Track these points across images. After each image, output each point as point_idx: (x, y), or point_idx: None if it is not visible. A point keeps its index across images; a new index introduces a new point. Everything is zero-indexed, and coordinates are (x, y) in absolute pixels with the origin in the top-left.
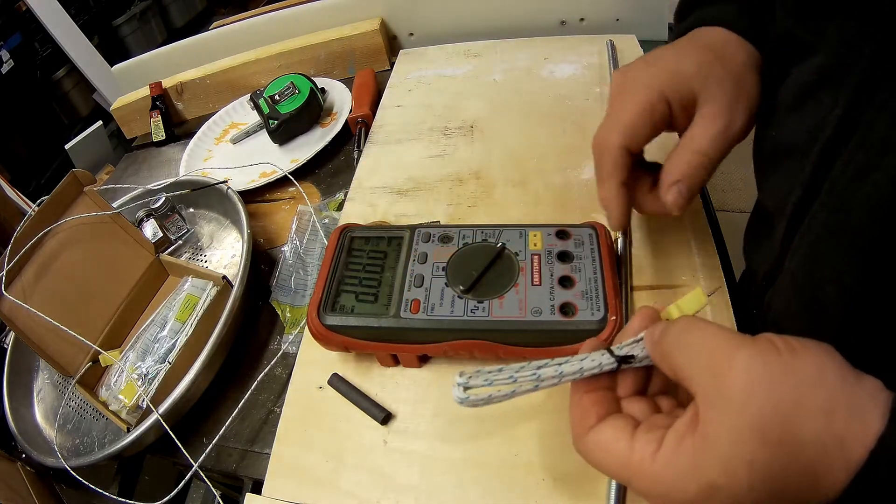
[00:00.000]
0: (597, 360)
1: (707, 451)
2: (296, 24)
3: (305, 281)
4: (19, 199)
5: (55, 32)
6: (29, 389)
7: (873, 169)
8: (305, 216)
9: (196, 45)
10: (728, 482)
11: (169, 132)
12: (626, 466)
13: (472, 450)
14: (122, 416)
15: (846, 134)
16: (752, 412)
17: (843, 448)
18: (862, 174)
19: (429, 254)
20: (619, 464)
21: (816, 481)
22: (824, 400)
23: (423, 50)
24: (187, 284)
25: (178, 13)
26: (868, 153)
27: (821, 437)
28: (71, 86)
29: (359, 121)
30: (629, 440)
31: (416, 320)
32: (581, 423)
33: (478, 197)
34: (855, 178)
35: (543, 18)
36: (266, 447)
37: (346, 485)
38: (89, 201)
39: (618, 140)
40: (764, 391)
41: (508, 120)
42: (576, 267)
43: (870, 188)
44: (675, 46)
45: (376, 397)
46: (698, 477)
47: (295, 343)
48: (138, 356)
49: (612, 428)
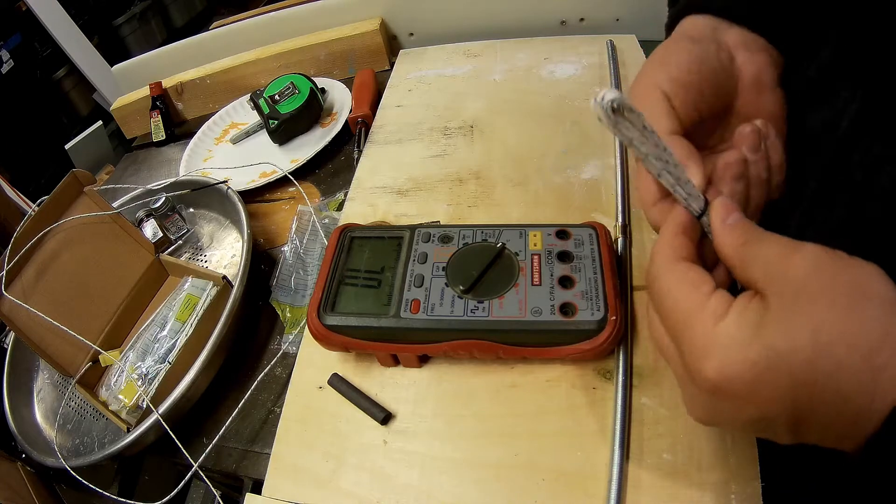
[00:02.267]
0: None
1: (773, 317)
2: (296, 24)
3: (305, 281)
4: (19, 199)
5: (55, 32)
6: (29, 389)
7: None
8: (305, 216)
9: (196, 45)
10: (790, 347)
11: (169, 132)
12: (695, 312)
13: (472, 450)
14: (122, 416)
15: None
16: (819, 288)
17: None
18: (878, 166)
19: (429, 254)
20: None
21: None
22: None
23: (423, 50)
24: (187, 284)
25: (178, 13)
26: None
27: (885, 323)
28: (71, 86)
29: (359, 121)
30: (708, 293)
31: (416, 320)
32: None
33: (478, 197)
34: (871, 171)
35: (543, 18)
36: (266, 447)
37: (346, 485)
38: (89, 201)
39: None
40: (830, 272)
41: (508, 120)
42: (576, 267)
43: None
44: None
45: (376, 397)
46: (763, 338)
47: (295, 343)
48: (138, 356)
49: (697, 273)
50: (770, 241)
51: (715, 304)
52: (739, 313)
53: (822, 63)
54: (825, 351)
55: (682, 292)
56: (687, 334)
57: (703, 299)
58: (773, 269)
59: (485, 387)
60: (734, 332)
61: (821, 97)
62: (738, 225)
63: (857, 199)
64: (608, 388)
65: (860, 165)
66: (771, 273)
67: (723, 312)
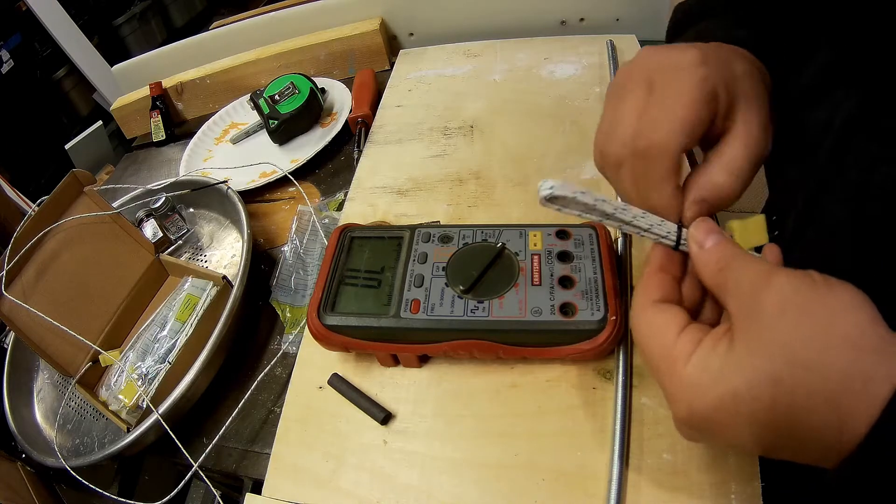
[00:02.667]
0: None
1: (735, 360)
2: (296, 24)
3: (305, 281)
4: (19, 199)
5: (55, 32)
6: (29, 389)
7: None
8: (305, 216)
9: (196, 45)
10: (750, 394)
11: (169, 132)
12: (664, 358)
13: (472, 450)
14: (122, 416)
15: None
16: (784, 330)
17: (868, 386)
18: (874, 166)
19: (429, 254)
20: (659, 353)
21: (841, 419)
22: (854, 335)
23: (423, 50)
24: (187, 284)
25: (178, 13)
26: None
27: (847, 370)
28: (71, 86)
29: (359, 121)
30: (677, 333)
31: (416, 320)
32: (645, 294)
33: (478, 197)
34: (867, 170)
35: (543, 18)
36: (266, 447)
37: (346, 485)
38: (89, 201)
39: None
40: (796, 312)
41: (508, 120)
42: (576, 267)
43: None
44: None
45: (376, 397)
46: (723, 383)
47: (295, 343)
48: (138, 356)
49: (670, 313)
50: (745, 268)
51: (681, 347)
52: (704, 356)
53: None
54: (788, 399)
55: (652, 338)
56: (661, 377)
57: (670, 344)
58: (743, 304)
59: (485, 387)
60: (697, 377)
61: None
62: (714, 249)
63: (854, 199)
64: (608, 388)
65: (855, 165)
66: (741, 307)
67: (689, 353)
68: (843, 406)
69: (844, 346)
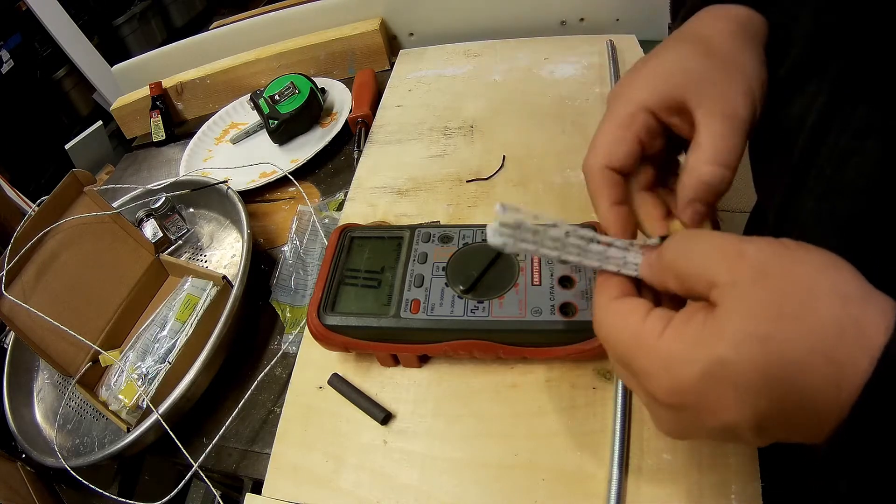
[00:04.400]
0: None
1: (717, 325)
2: (296, 24)
3: (305, 281)
4: (19, 199)
5: (55, 32)
6: (29, 389)
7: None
8: (305, 216)
9: (196, 45)
10: (738, 358)
11: (169, 132)
12: (634, 337)
13: (472, 450)
14: (122, 416)
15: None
16: (767, 289)
17: (861, 332)
18: (845, 159)
19: (429, 254)
20: (628, 336)
21: (838, 371)
22: (840, 285)
23: (423, 50)
24: (187, 284)
25: (178, 13)
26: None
27: (839, 318)
28: (71, 86)
29: (359, 121)
30: (643, 316)
31: (416, 320)
32: (605, 294)
33: (478, 197)
34: (839, 164)
35: (543, 18)
36: (266, 447)
37: (346, 485)
38: (89, 201)
39: (594, 160)
40: (778, 271)
41: (508, 120)
42: (576, 267)
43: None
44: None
45: (376, 397)
46: (706, 350)
47: (295, 343)
48: (138, 356)
49: (633, 302)
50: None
51: (652, 324)
52: (678, 327)
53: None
54: (780, 357)
55: (619, 323)
56: (634, 361)
57: (638, 322)
58: (718, 278)
59: (485, 387)
60: (674, 348)
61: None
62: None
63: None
64: (608, 388)
65: (829, 159)
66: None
67: (661, 329)
68: (838, 357)
69: (833, 296)
